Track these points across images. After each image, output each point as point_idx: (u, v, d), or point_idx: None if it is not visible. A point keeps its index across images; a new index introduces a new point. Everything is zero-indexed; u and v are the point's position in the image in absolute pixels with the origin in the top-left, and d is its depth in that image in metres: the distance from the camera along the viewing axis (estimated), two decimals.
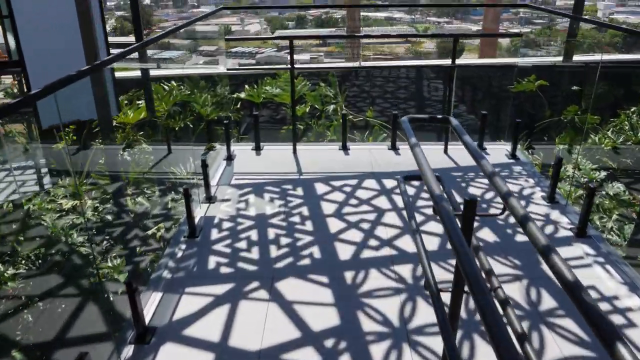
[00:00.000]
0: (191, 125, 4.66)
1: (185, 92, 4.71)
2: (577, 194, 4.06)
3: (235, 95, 5.09)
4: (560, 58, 5.84)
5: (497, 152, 4.07)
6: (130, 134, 4.17)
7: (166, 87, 4.78)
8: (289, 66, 3.73)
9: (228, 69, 4.95)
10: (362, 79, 6.04)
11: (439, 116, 1.84)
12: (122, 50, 2.36)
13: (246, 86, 5.23)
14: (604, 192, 4.40)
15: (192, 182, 3.77)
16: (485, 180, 3.55)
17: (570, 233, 2.91)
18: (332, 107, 5.08)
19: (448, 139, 4.01)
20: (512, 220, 2.97)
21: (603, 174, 4.54)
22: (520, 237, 2.84)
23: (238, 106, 5.03)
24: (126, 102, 4.66)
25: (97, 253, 3.20)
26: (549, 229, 2.97)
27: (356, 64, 5.68)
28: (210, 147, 4.11)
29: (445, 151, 4.01)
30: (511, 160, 3.91)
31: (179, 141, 4.51)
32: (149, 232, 3.37)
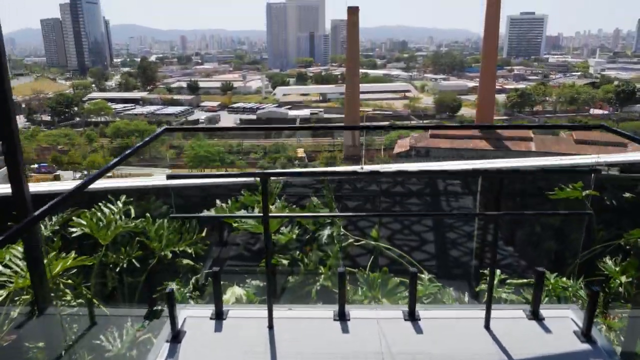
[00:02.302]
0: (138, 265, 3.49)
1: (129, 223, 3.58)
2: None
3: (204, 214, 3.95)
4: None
5: (560, 325, 2.83)
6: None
7: (107, 209, 3.65)
8: (262, 214, 2.59)
9: (171, 215, 3.85)
10: (365, 182, 4.95)
11: None
12: None
13: (217, 201, 4.10)
14: None
15: None
16: None
17: None
18: (326, 232, 3.92)
19: (491, 305, 2.80)
20: None
21: None
22: None
23: (203, 234, 3.88)
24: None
25: None
26: None
27: (357, 168, 4.61)
28: (152, 312, 2.91)
29: (487, 326, 2.79)
30: (585, 346, 2.66)
31: (115, 296, 3.33)
32: None
